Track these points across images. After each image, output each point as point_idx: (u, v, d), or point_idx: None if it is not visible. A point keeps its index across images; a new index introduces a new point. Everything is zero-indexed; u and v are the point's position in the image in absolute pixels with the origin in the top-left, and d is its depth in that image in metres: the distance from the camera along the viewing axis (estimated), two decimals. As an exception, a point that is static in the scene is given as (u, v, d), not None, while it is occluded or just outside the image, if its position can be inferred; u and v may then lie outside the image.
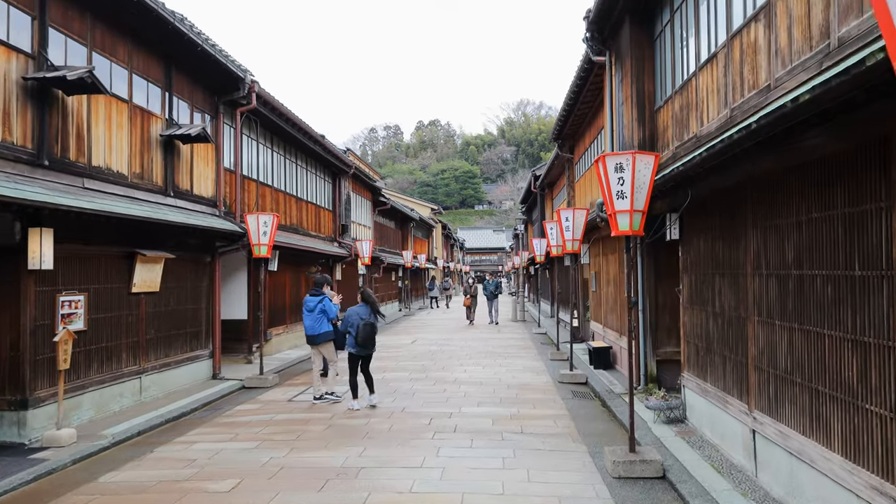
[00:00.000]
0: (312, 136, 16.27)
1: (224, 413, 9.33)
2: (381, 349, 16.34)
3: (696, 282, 7.40)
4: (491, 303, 24.42)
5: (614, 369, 12.20)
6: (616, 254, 12.05)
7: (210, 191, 11.85)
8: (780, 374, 5.10)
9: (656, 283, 9.67)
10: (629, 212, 6.28)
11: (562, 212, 11.61)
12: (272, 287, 15.35)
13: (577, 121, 15.42)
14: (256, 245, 11.44)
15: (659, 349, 9.64)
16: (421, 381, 11.57)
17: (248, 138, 13.76)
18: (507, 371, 12.62)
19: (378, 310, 9.17)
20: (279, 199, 15.65)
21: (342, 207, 21.02)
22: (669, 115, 8.22)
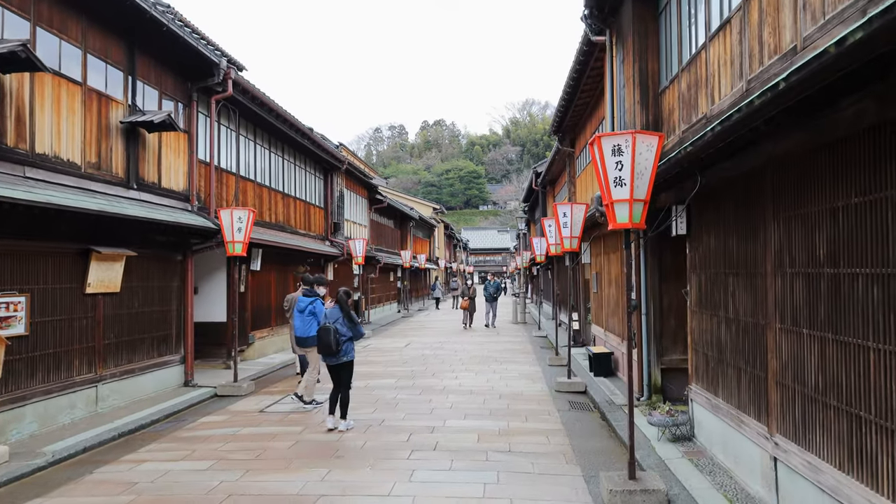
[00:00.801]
0: (299, 129, 15.46)
1: (186, 426, 8.51)
2: (372, 353, 15.54)
3: (705, 282, 6.54)
4: (490, 305, 23.14)
5: (616, 377, 11.34)
6: (618, 252, 11.19)
7: (182, 184, 11.04)
8: (810, 393, 4.24)
9: (661, 284, 8.81)
10: (628, 201, 5.43)
11: (559, 207, 10.75)
12: (256, 287, 14.55)
13: (577, 112, 14.56)
14: (230, 242, 10.61)
15: (664, 357, 8.78)
16: (407, 390, 10.73)
17: (226, 129, 12.95)
18: (500, 378, 11.77)
19: (350, 315, 7.92)
20: (263, 195, 14.84)
21: (334, 205, 20.21)
22: (675, 95, 7.36)
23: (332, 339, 7.61)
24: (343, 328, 7.78)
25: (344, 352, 7.80)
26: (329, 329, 7.65)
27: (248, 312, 14.13)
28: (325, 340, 7.60)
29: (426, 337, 19.66)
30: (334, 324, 7.74)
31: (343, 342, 7.74)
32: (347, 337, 7.82)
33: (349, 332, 7.80)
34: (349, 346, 7.87)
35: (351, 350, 7.91)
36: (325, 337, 7.62)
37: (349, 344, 7.86)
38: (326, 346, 7.62)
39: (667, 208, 7.52)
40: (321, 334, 7.66)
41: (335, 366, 7.90)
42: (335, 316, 7.88)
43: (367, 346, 17.20)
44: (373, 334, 20.37)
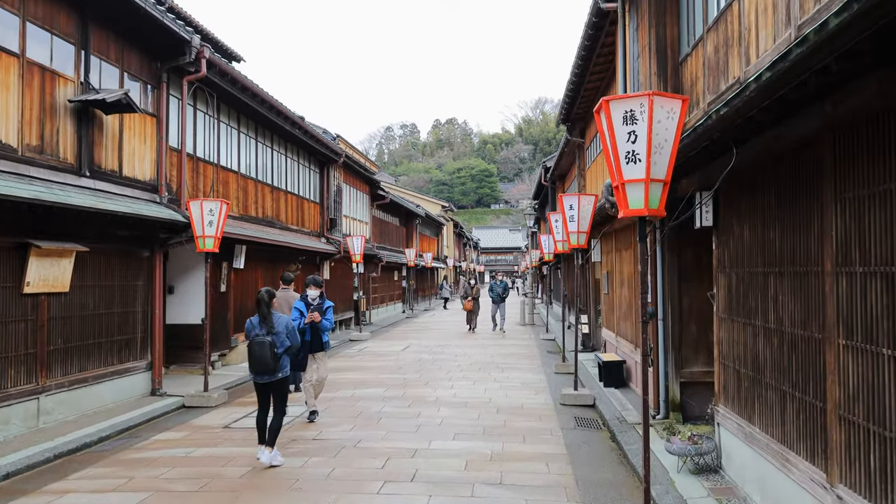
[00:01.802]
0: (287, 117, 14.42)
1: (137, 444, 7.48)
2: (366, 357, 14.45)
3: (737, 284, 5.40)
4: (497, 307, 20.98)
5: (628, 387, 10.19)
6: (630, 249, 10.04)
7: (149, 173, 10.02)
8: (894, 437, 3.11)
9: (680, 285, 7.67)
10: (644, 182, 4.30)
11: (565, 199, 9.62)
12: (239, 287, 13.53)
13: (587, 98, 13.40)
14: (201, 237, 9.58)
15: (683, 368, 7.63)
16: (395, 402, 9.64)
17: (204, 115, 11.92)
18: (500, 388, 10.65)
19: (269, 322, 6.34)
20: (248, 188, 13.80)
21: (331, 200, 19.16)
22: (699, 62, 6.22)
23: (267, 353, 6.24)
24: (280, 338, 6.40)
25: (280, 366, 6.46)
26: (264, 343, 6.26)
27: (231, 313, 13.11)
28: (259, 355, 6.26)
29: (427, 340, 18.57)
30: (267, 335, 6.35)
31: (280, 355, 6.39)
32: (285, 348, 6.46)
33: (288, 343, 6.47)
34: (285, 361, 6.58)
35: (286, 366, 6.59)
36: (260, 352, 6.27)
37: (285, 358, 6.56)
38: (261, 362, 6.26)
39: (688, 196, 6.37)
40: (253, 349, 6.34)
41: (267, 384, 6.51)
42: (281, 325, 6.49)
43: (363, 350, 16.15)
44: (371, 336, 19.32)
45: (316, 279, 8.27)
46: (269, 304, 6.48)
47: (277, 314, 6.53)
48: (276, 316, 6.47)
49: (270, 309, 6.46)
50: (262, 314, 6.41)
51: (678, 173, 6.16)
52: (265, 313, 6.40)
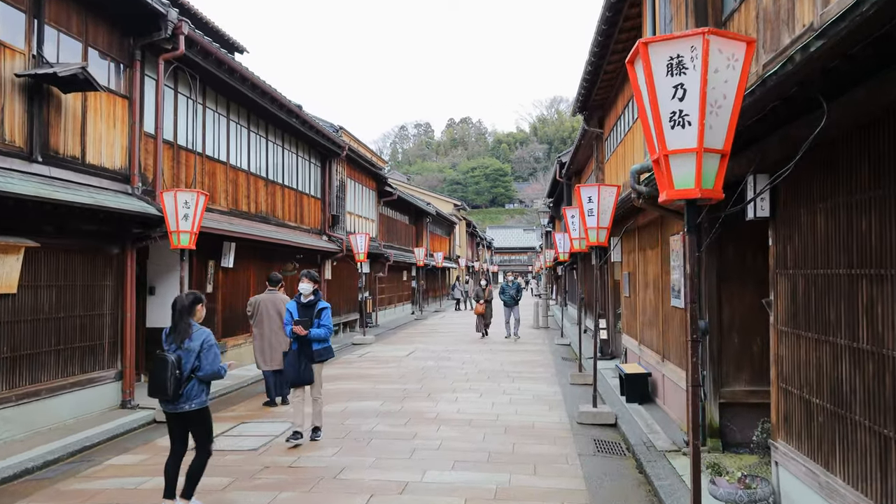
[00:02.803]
0: (282, 104, 13.38)
1: (86, 470, 6.48)
2: (367, 363, 13.37)
3: (807, 288, 4.26)
4: (510, 311, 18.92)
5: (653, 403, 9.05)
6: (657, 248, 8.90)
7: (119, 161, 9.02)
8: None
9: (720, 289, 6.52)
10: (695, 152, 3.19)
11: (583, 190, 8.49)
12: (229, 287, 12.53)
13: (606, 83, 12.25)
14: (175, 232, 8.54)
15: (724, 387, 6.48)
16: (391, 418, 8.57)
17: (187, 100, 10.91)
18: (509, 403, 9.54)
19: (182, 334, 4.94)
20: (238, 181, 12.79)
21: (333, 195, 18.13)
22: (751, 16, 5.07)
23: (166, 373, 4.73)
24: (190, 357, 4.89)
25: (186, 395, 4.87)
26: (165, 361, 4.77)
27: (219, 316, 12.11)
28: (156, 376, 4.80)
29: (434, 344, 17.47)
30: (175, 351, 4.91)
31: (184, 380, 4.85)
32: (189, 371, 4.87)
33: (204, 366, 4.90)
34: (197, 388, 4.92)
35: (201, 393, 4.95)
36: (157, 371, 4.80)
37: (196, 384, 4.92)
38: (157, 384, 4.79)
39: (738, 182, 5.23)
40: (154, 368, 4.91)
41: (175, 416, 5.02)
42: (198, 340, 4.96)
43: (365, 355, 15.09)
44: (375, 340, 18.27)
45: (311, 273, 7.41)
46: (188, 312, 4.99)
47: (199, 327, 5.05)
48: (195, 328, 4.99)
49: (188, 318, 4.99)
50: (174, 322, 4.99)
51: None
52: (178, 322, 4.96)
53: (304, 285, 7.31)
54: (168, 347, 4.94)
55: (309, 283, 7.32)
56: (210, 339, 4.99)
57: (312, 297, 7.28)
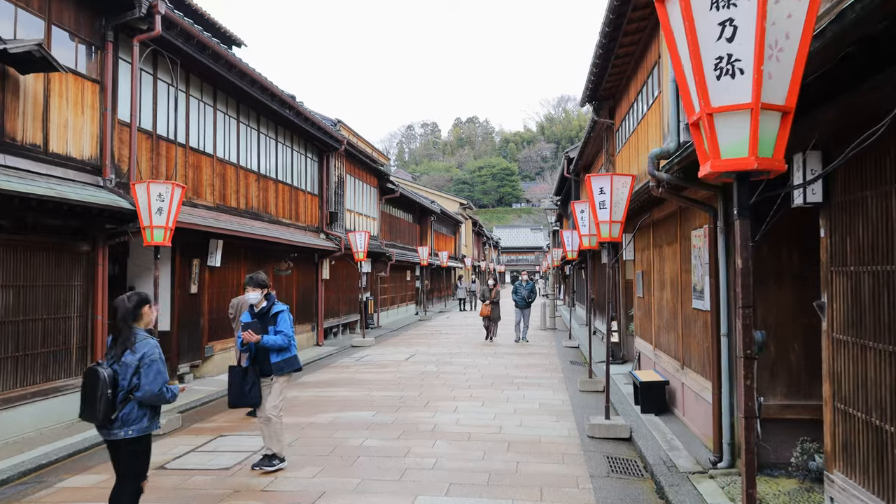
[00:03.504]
0: (274, 94, 12.65)
1: (33, 494, 5.78)
2: (364, 368, 12.57)
3: (874, 289, 3.48)
4: (522, 313, 17.61)
5: (671, 414, 8.26)
6: (675, 244, 8.11)
7: (89, 150, 8.31)
8: None
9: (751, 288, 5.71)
10: (749, 108, 2.43)
11: (594, 180, 7.71)
12: (216, 287, 11.80)
13: (617, 70, 11.44)
14: (148, 228, 7.84)
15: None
16: (383, 431, 7.81)
17: (167, 87, 10.19)
18: (513, 413, 8.77)
19: (124, 343, 4.03)
20: (227, 175, 12.06)
21: (331, 192, 17.39)
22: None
23: (97, 392, 3.84)
24: (127, 373, 3.94)
25: (123, 420, 3.94)
26: (96, 375, 3.87)
27: (205, 318, 11.39)
28: (86, 394, 3.92)
29: (436, 347, 16.70)
30: (112, 364, 3.99)
31: (117, 402, 3.93)
32: (126, 391, 3.94)
33: (143, 386, 3.93)
34: (137, 412, 3.97)
35: (142, 418, 3.99)
36: (87, 387, 3.91)
37: (136, 407, 3.96)
38: (87, 404, 3.92)
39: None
40: (84, 384, 4.00)
41: (109, 442, 4.10)
42: (139, 353, 3.99)
43: (362, 359, 14.35)
44: (375, 342, 17.52)
45: (255, 278, 6.24)
46: (131, 317, 4.07)
47: (144, 336, 4.10)
48: (139, 337, 4.06)
49: (132, 324, 4.07)
50: (115, 329, 4.12)
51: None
52: (120, 329, 4.07)
53: (251, 294, 6.17)
54: (106, 360, 4.08)
55: (254, 289, 6.17)
56: (153, 353, 4.02)
57: (265, 304, 6.21)
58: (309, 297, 16.32)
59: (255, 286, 6.19)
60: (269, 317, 6.13)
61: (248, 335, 5.94)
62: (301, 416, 8.63)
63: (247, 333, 5.95)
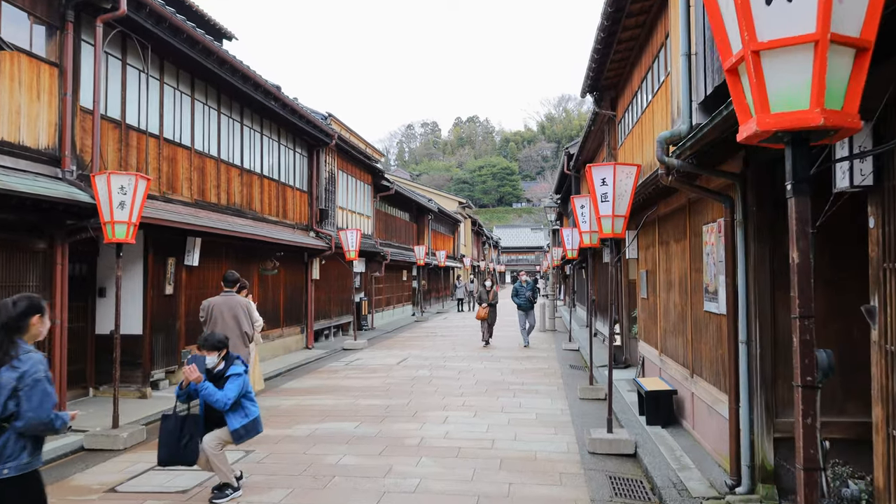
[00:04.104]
0: (257, 83, 11.97)
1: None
2: (354, 373, 11.82)
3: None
4: (525, 315, 16.57)
5: (679, 427, 7.58)
6: (684, 241, 7.43)
7: (46, 139, 7.65)
8: None
9: (774, 291, 5.05)
10: (814, 42, 1.75)
11: (596, 171, 7.02)
12: (194, 288, 11.13)
13: (620, 57, 10.78)
14: (109, 223, 7.18)
15: (779, 418, 5.02)
16: (363, 445, 7.14)
17: (137, 72, 9.51)
18: (507, 424, 8.09)
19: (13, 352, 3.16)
20: (206, 169, 11.39)
21: (321, 188, 16.71)
22: None
23: None
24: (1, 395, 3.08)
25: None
26: None
27: (181, 321, 10.72)
28: None
29: (430, 350, 16.02)
30: None
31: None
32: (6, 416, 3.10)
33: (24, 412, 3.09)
34: (15, 444, 3.11)
35: (22, 452, 3.13)
36: None
37: (14, 439, 3.11)
38: None
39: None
40: None
41: None
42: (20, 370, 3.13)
43: (352, 363, 13.67)
44: (367, 344, 16.83)
45: (210, 339, 5.30)
46: (14, 327, 3.22)
47: (30, 350, 3.23)
48: (23, 350, 3.21)
49: (14, 336, 3.21)
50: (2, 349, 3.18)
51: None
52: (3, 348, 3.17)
53: (207, 358, 5.22)
54: None
55: (211, 352, 5.23)
56: (36, 371, 3.15)
57: (223, 365, 5.29)
58: (298, 299, 15.65)
59: (210, 348, 5.23)
60: (224, 379, 5.23)
61: (189, 370, 4.97)
62: (278, 427, 7.96)
63: (189, 368, 4.97)
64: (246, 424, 5.22)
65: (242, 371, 5.28)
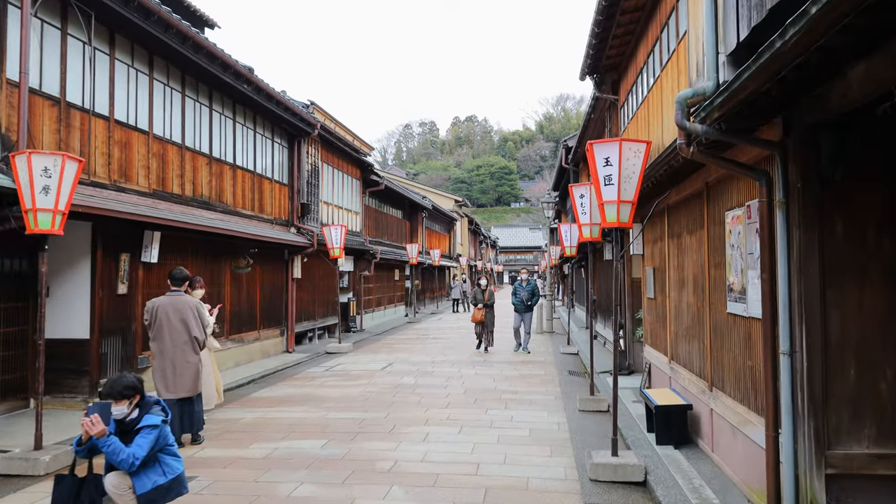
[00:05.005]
0: (224, 62, 10.90)
1: None
2: (332, 380, 10.63)
3: None
4: (523, 317, 15.18)
5: (694, 447, 6.55)
6: (700, 232, 6.40)
7: (-39, 115, 6.61)
8: None
9: (824, 289, 4.01)
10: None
11: (597, 149, 5.97)
12: (154, 288, 10.07)
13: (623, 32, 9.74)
14: (30, 211, 6.15)
15: (832, 449, 3.97)
16: (327, 470, 6.10)
17: (81, 45, 8.45)
18: (496, 442, 7.05)
19: None
20: (167, 156, 10.33)
21: (303, 181, 15.66)
22: None
23: None
24: None
25: None
26: None
27: (138, 323, 9.66)
28: None
29: (419, 354, 14.97)
30: None
31: None
32: None
33: None
34: None
35: None
36: None
37: None
38: None
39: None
40: None
41: None
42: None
43: (333, 368, 12.64)
44: (352, 348, 15.78)
45: (117, 384, 4.11)
46: None
47: None
48: None
49: None
50: None
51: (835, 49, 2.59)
52: None
53: (115, 409, 4.05)
54: None
55: (117, 402, 4.07)
56: None
57: (135, 414, 4.17)
58: (277, 299, 14.60)
59: (118, 396, 4.09)
60: (135, 431, 4.13)
61: (89, 422, 3.84)
62: (233, 446, 6.92)
63: (88, 420, 3.85)
64: (161, 486, 4.08)
65: (160, 421, 4.18)
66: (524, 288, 15.04)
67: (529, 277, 15.73)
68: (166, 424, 4.31)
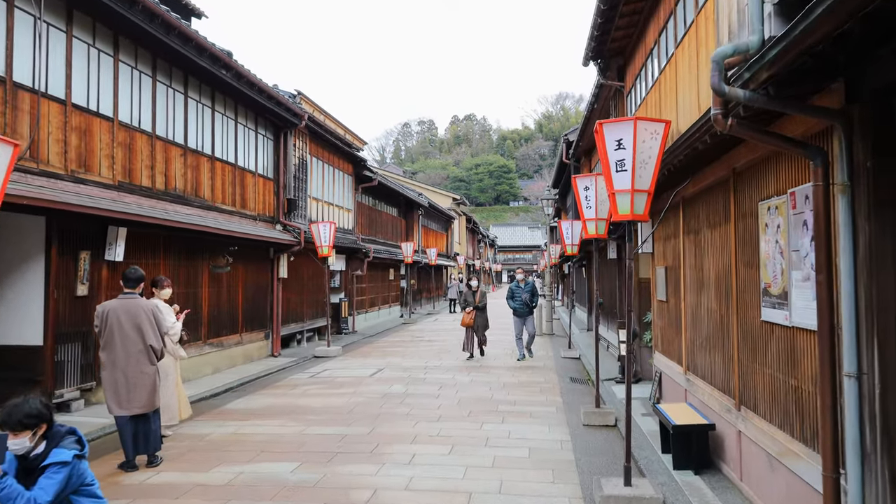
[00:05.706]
0: (200, 45, 10.06)
1: None
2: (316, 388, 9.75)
3: None
4: (522, 322, 13.84)
5: (718, 471, 5.73)
6: (725, 227, 5.58)
7: None
8: None
9: (900, 293, 3.18)
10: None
11: (608, 129, 5.14)
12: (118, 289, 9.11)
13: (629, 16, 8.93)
14: (-45, 202, 5.29)
15: (912, 495, 3.14)
16: (295, 501, 5.27)
17: (31, 18, 7.60)
18: (492, 466, 6.22)
19: None
20: (135, 146, 9.50)
21: (289, 176, 14.83)
22: None
23: None
24: None
25: None
26: None
27: (101, 328, 8.81)
28: None
29: (412, 358, 14.13)
30: None
31: None
32: None
33: None
34: None
35: None
36: None
37: None
38: None
39: None
40: None
41: None
42: None
43: (319, 374, 11.81)
44: (342, 351, 14.94)
45: (16, 412, 3.19)
46: None
47: None
48: None
49: None
50: None
51: None
52: None
53: (13, 441, 3.17)
54: None
55: (19, 434, 3.20)
56: None
57: (42, 448, 3.31)
58: (261, 300, 13.76)
59: (16, 427, 3.20)
60: (40, 470, 3.28)
61: None
62: (193, 469, 6.10)
63: None
64: None
65: (71, 456, 3.33)
66: (523, 289, 13.84)
67: (527, 277, 14.71)
68: (82, 460, 3.47)
